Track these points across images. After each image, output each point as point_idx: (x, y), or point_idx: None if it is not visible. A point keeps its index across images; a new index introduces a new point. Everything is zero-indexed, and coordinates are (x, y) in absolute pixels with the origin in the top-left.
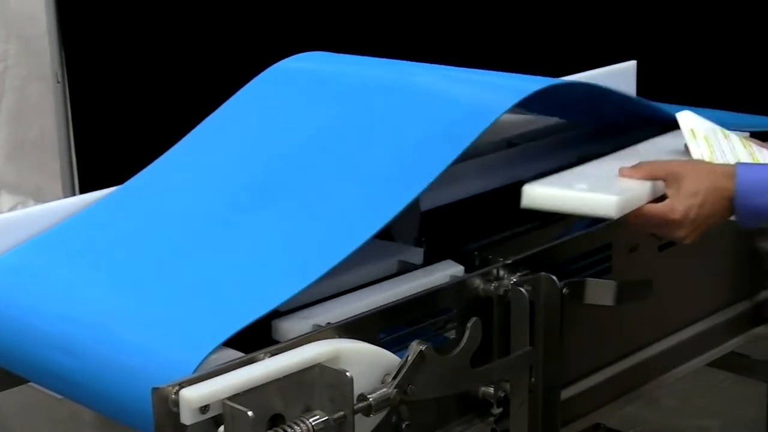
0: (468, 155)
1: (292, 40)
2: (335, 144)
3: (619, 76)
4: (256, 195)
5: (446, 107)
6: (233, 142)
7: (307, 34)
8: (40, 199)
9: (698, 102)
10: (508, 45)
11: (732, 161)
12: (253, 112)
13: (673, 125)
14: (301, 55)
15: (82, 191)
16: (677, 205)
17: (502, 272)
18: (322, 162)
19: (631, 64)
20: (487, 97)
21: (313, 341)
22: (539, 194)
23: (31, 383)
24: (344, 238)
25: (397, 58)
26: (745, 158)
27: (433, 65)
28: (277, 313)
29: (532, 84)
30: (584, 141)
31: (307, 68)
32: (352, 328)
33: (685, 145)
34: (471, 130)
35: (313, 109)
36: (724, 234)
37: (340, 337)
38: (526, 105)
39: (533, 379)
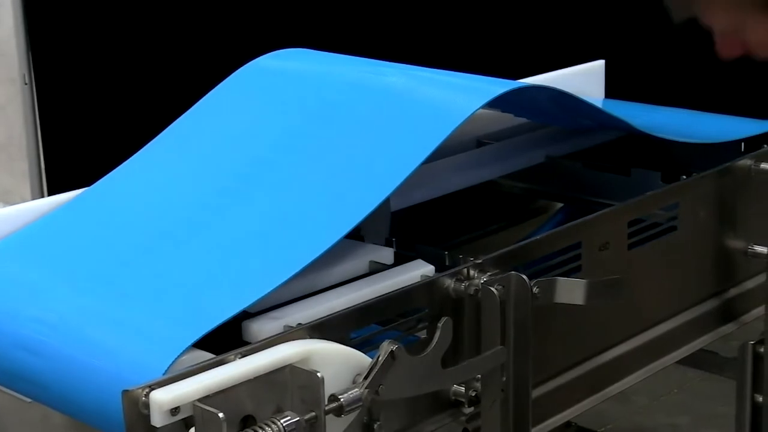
0: (438, 155)
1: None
2: (305, 144)
3: (587, 76)
4: (225, 196)
5: (416, 108)
6: (204, 142)
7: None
8: (7, 201)
9: (668, 101)
10: (478, 45)
11: None
12: (224, 112)
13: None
14: (276, 52)
15: (51, 193)
16: None
17: (472, 272)
18: (291, 162)
19: (599, 64)
20: (456, 98)
21: (284, 342)
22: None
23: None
24: (314, 238)
25: (374, 54)
26: None
27: (404, 65)
28: (247, 314)
29: (498, 87)
30: (555, 140)
31: (280, 66)
32: (323, 329)
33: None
34: (440, 130)
35: (284, 109)
36: (694, 231)
37: (311, 337)
38: (496, 106)
39: (505, 378)
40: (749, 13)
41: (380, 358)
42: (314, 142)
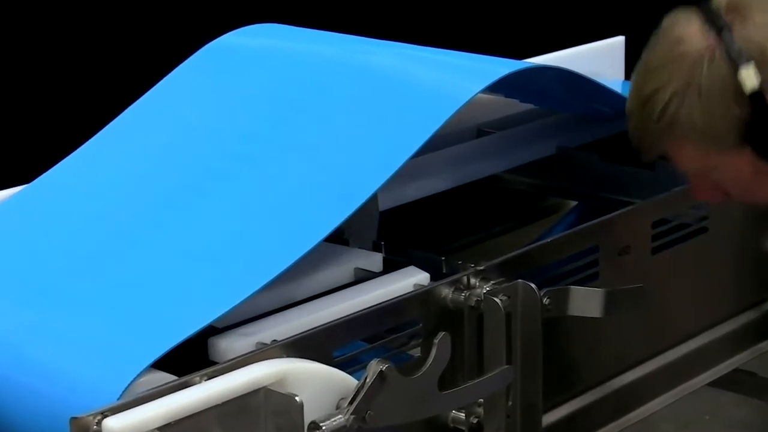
0: (432, 146)
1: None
2: (278, 134)
3: (605, 54)
4: (189, 192)
5: (407, 92)
6: (164, 130)
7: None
8: None
9: None
10: (478, 20)
11: None
12: (187, 96)
13: None
14: (245, 28)
15: None
16: None
17: (473, 280)
18: (264, 154)
19: (618, 41)
20: (452, 81)
21: (257, 361)
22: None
23: None
24: (290, 242)
25: (358, 31)
26: None
27: (393, 43)
28: (214, 330)
29: (501, 67)
30: (567, 129)
31: (249, 45)
32: (301, 346)
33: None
34: (434, 118)
35: (256, 93)
36: (728, 233)
37: (288, 356)
38: (498, 89)
39: (511, 402)
40: (715, 153)
41: (368, 380)
42: (289, 131)
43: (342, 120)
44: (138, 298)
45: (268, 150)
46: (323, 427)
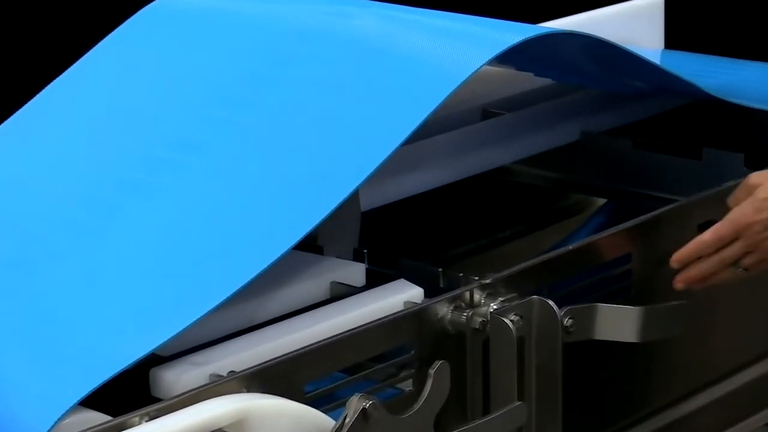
0: (426, 131)
1: None
2: (237, 115)
3: (639, 18)
4: (124, 189)
5: (394, 65)
6: (92, 112)
7: None
8: None
9: (751, 52)
10: None
11: None
12: (121, 70)
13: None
14: None
15: None
16: (747, 208)
17: (477, 296)
18: (218, 141)
19: (656, 1)
20: (452, 50)
21: (211, 397)
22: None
23: None
24: (251, 251)
25: None
26: None
27: (378, 3)
28: (158, 359)
29: (511, 33)
30: (593, 109)
31: (201, 4)
32: (265, 378)
33: None
34: (429, 97)
35: (207, 66)
36: None
37: (250, 391)
38: (508, 61)
39: None
40: None
41: (347, 420)
42: (248, 113)
43: (314, 99)
44: (62, 320)
45: (223, 136)
46: None
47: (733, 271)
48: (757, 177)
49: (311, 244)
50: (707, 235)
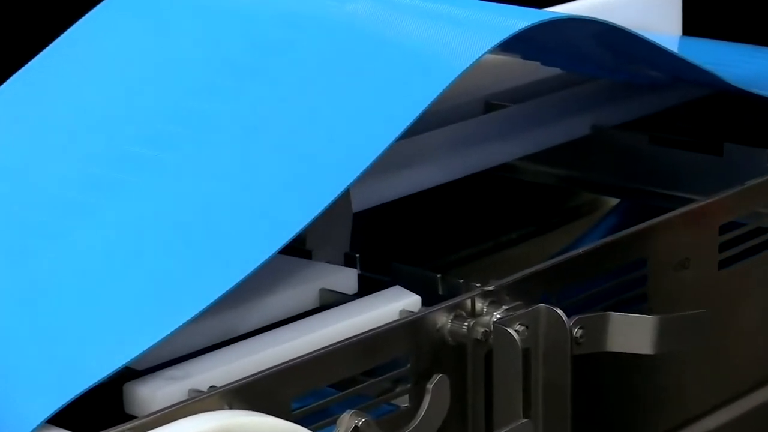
0: (424, 125)
1: None
2: (218, 108)
3: (656, 1)
4: (96, 185)
5: (390, 53)
6: (62, 103)
7: None
8: None
9: (763, 33)
10: None
11: None
12: (92, 58)
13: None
14: None
15: None
16: None
17: (479, 304)
18: (197, 136)
19: None
20: (452, 36)
21: (190, 414)
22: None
23: None
24: (234, 255)
25: None
26: None
27: None
28: (132, 373)
29: (516, 19)
30: (605, 101)
31: None
32: (249, 394)
33: None
34: (427, 88)
35: (185, 54)
36: None
37: (232, 407)
38: (513, 49)
39: None
40: None
41: None
42: (230, 105)
43: (301, 91)
44: (25, 333)
45: (201, 131)
46: None
47: None
48: None
49: (299, 248)
50: None
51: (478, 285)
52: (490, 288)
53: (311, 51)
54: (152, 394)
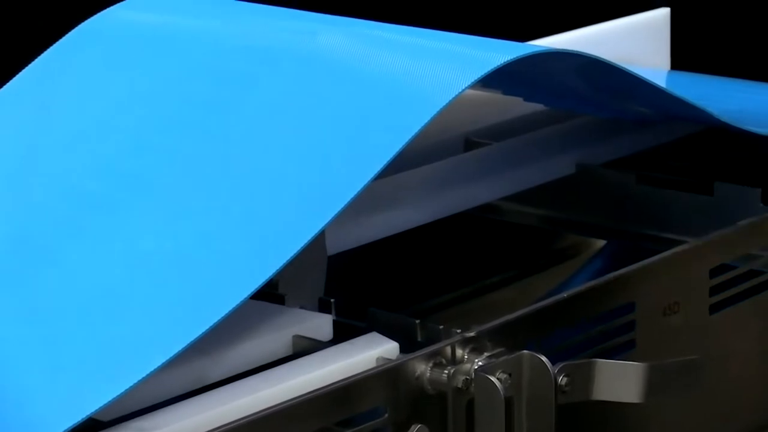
0: (401, 164)
1: None
2: (184, 145)
3: (643, 32)
4: (56, 225)
5: (365, 89)
6: (19, 142)
7: None
8: None
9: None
10: None
11: None
12: (54, 93)
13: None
14: None
15: None
16: None
17: (460, 351)
18: (164, 175)
19: (662, 13)
20: (430, 71)
21: None
22: None
23: None
24: (204, 300)
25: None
26: None
27: (348, 19)
28: (96, 425)
29: (498, 53)
30: (590, 139)
31: (145, 20)
32: None
33: None
34: (404, 126)
35: (151, 88)
36: None
37: None
38: (494, 84)
39: None
40: None
41: None
42: (196, 143)
43: (272, 127)
44: None
45: (166, 168)
46: None
47: None
48: None
49: (271, 293)
50: None
51: (458, 331)
52: (471, 334)
53: (282, 86)
54: None
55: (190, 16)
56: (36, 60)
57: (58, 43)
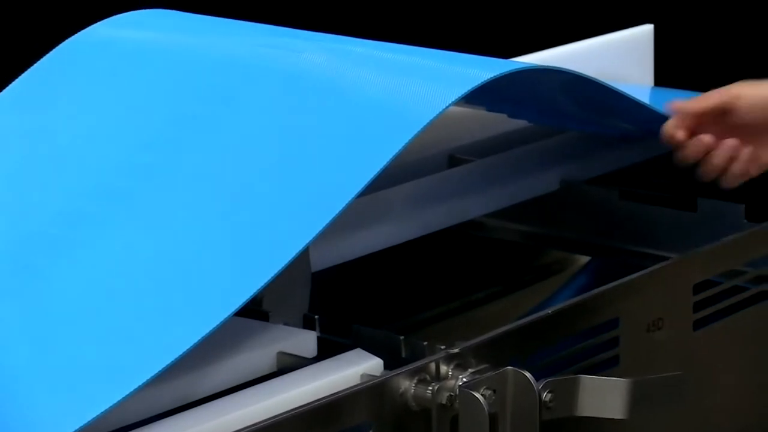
0: (385, 181)
1: None
2: (169, 161)
3: (627, 49)
4: (44, 243)
5: (349, 106)
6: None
7: None
8: None
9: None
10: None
11: None
12: (35, 112)
13: None
14: (121, 15)
15: None
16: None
17: (444, 368)
18: (147, 189)
19: (645, 30)
20: (414, 88)
21: None
22: None
23: None
24: (187, 317)
25: (287, 20)
26: None
27: (333, 36)
28: None
29: (482, 69)
30: (574, 155)
31: (126, 38)
32: None
33: None
34: (387, 143)
35: (138, 105)
36: None
37: None
38: (478, 101)
39: None
40: None
41: None
42: (183, 160)
43: (256, 144)
44: None
45: (151, 185)
46: None
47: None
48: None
49: (256, 310)
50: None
51: (442, 347)
52: (456, 350)
53: (265, 103)
54: None
55: (175, 33)
56: (17, 80)
57: (40, 61)
